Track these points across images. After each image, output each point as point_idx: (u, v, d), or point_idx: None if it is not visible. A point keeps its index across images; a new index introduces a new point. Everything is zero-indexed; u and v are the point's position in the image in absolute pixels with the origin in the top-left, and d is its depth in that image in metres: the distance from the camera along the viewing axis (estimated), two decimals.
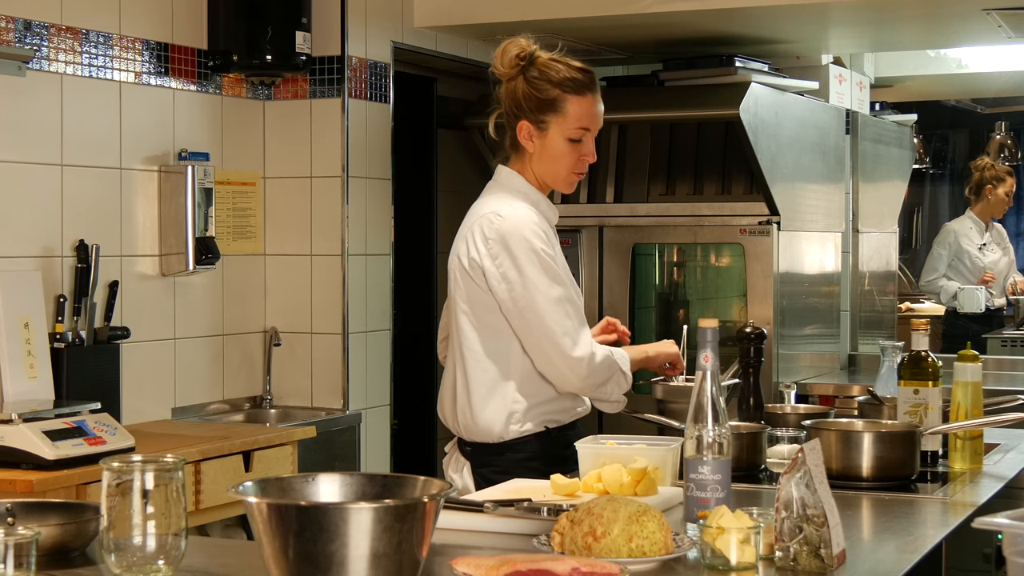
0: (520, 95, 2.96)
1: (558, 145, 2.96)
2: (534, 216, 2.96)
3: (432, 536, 1.75)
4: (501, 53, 2.98)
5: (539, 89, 2.94)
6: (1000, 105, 8.62)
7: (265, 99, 4.99)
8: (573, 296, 2.94)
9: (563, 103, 2.94)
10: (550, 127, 2.96)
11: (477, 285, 2.93)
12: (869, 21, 5.52)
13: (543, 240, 2.92)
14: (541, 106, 2.95)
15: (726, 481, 2.26)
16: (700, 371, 2.28)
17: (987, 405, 3.21)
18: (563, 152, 2.97)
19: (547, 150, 2.97)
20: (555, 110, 2.95)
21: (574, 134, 2.96)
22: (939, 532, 2.40)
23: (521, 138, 2.98)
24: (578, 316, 2.93)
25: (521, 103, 2.96)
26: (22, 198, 4.01)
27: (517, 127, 2.98)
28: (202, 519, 3.94)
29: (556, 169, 2.99)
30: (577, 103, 2.96)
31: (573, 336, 2.88)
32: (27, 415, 3.56)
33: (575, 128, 2.96)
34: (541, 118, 2.95)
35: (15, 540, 1.77)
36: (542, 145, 2.97)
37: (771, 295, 5.14)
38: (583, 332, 2.92)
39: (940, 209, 9.75)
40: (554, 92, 2.94)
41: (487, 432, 2.95)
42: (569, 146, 2.97)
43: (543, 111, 2.95)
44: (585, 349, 2.89)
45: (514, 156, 3.03)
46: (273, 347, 4.96)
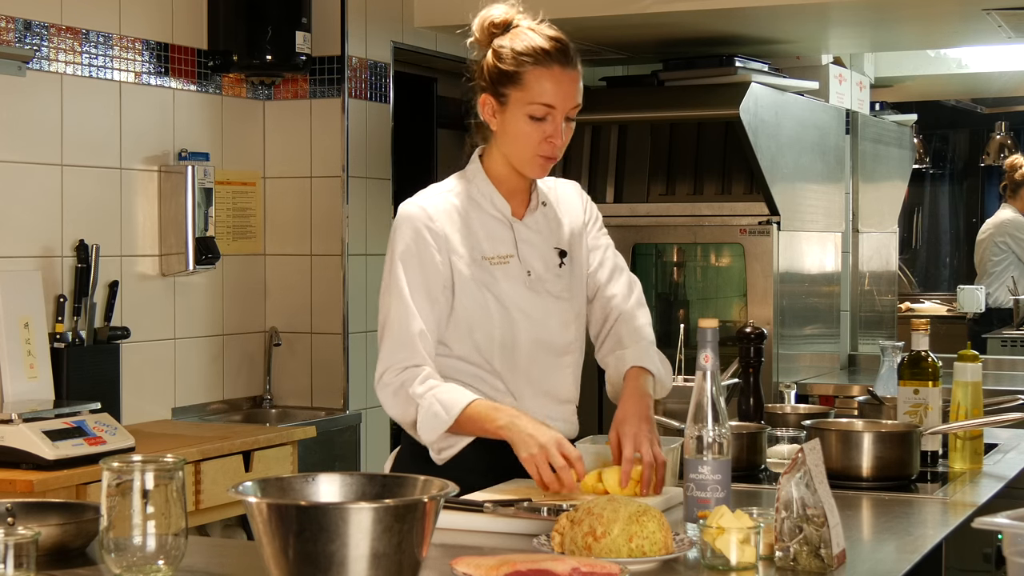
0: (485, 68, 2.69)
1: (518, 123, 2.64)
2: (419, 212, 2.66)
3: (432, 536, 1.75)
4: (479, 22, 2.73)
5: (501, 59, 2.65)
6: (1000, 105, 8.62)
7: (265, 99, 4.99)
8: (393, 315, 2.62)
9: (523, 75, 2.62)
10: (509, 101, 2.64)
11: None
12: (869, 21, 5.52)
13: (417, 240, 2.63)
14: (501, 78, 2.65)
15: (726, 481, 2.26)
16: (700, 371, 2.28)
17: (987, 405, 3.21)
18: (523, 132, 2.64)
19: (507, 128, 2.66)
20: (514, 82, 2.63)
21: (535, 111, 2.62)
22: (939, 532, 2.40)
23: (484, 114, 2.69)
24: (402, 338, 2.60)
25: (485, 76, 2.68)
26: (22, 198, 4.01)
27: (480, 101, 2.69)
28: (202, 519, 3.94)
29: (518, 150, 2.66)
30: (539, 76, 2.62)
31: (379, 366, 2.63)
32: (27, 415, 3.56)
33: (536, 104, 2.62)
34: (501, 91, 2.65)
35: (15, 540, 1.78)
36: (503, 122, 2.66)
37: (771, 295, 5.14)
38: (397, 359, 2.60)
39: (940, 209, 9.75)
40: (515, 63, 2.63)
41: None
42: (531, 124, 2.63)
43: (503, 83, 2.64)
44: (378, 385, 2.62)
45: (489, 138, 2.75)
46: (273, 347, 4.97)
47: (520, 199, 2.77)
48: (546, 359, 2.74)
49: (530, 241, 2.76)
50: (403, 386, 2.59)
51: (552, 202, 2.83)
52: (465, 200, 2.72)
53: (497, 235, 2.72)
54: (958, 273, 9.08)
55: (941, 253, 9.68)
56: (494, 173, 2.74)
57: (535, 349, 2.73)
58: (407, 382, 2.59)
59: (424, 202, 2.70)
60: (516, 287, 2.71)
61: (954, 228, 9.66)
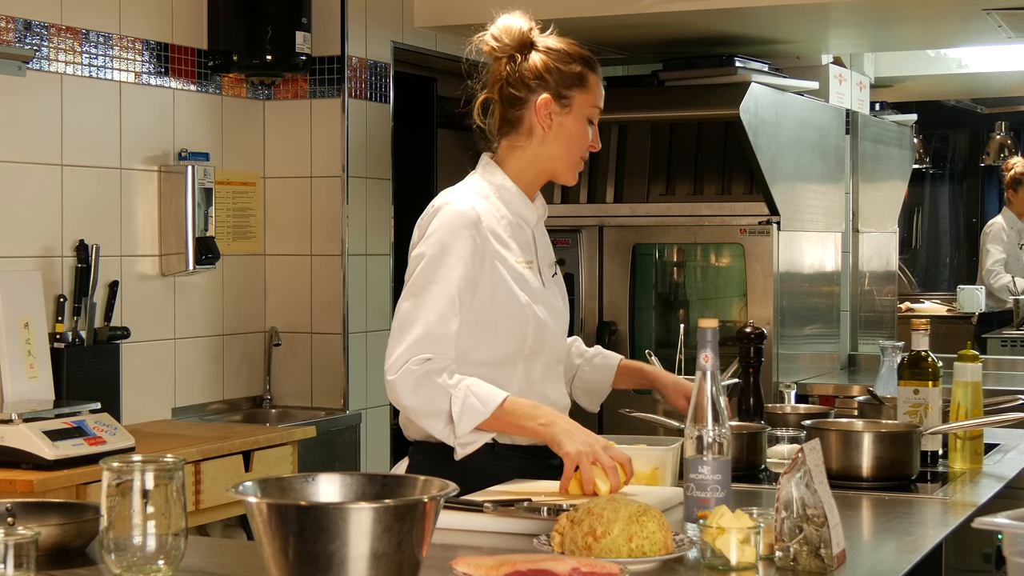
0: (540, 68, 2.68)
1: (579, 125, 2.71)
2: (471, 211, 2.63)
3: (432, 536, 1.75)
4: (505, 28, 2.72)
5: (562, 61, 2.69)
6: (1000, 105, 8.62)
7: (265, 99, 4.99)
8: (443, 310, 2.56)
9: (586, 78, 2.71)
10: (573, 103, 2.70)
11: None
12: (869, 21, 5.52)
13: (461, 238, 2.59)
14: (566, 80, 2.69)
15: (726, 481, 2.26)
16: (700, 371, 2.28)
17: (987, 405, 3.21)
18: (581, 133, 2.71)
19: (565, 129, 2.70)
20: (580, 85, 2.70)
21: (594, 113, 2.73)
22: (939, 532, 2.40)
23: (539, 116, 2.68)
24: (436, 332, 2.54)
25: (543, 76, 2.68)
26: (22, 198, 4.01)
27: (536, 103, 2.68)
28: (202, 519, 3.94)
29: (571, 152, 2.72)
30: (596, 79, 2.74)
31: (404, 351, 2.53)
32: (27, 415, 3.56)
33: (595, 107, 2.73)
34: (566, 93, 2.69)
35: (15, 540, 1.78)
36: (561, 124, 2.70)
37: (771, 295, 5.14)
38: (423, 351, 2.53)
39: (940, 209, 9.75)
40: (577, 66, 2.70)
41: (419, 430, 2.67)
42: (587, 127, 2.72)
43: (569, 85, 2.69)
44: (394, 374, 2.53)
45: (509, 141, 2.74)
46: (273, 347, 4.97)
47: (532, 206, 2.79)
48: (556, 366, 2.78)
49: (543, 247, 2.80)
50: (428, 375, 2.53)
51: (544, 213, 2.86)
52: (500, 204, 2.71)
53: (523, 240, 2.73)
54: (958, 273, 9.09)
55: (941, 253, 9.69)
56: (516, 179, 2.74)
57: (551, 354, 2.75)
58: (433, 372, 2.53)
59: (472, 202, 2.66)
60: (540, 292, 2.72)
61: (954, 228, 9.66)
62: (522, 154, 2.73)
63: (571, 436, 2.48)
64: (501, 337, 2.65)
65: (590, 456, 2.43)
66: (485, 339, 2.65)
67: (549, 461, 2.61)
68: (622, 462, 2.44)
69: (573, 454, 2.44)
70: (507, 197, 2.72)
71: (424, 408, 2.55)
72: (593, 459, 2.43)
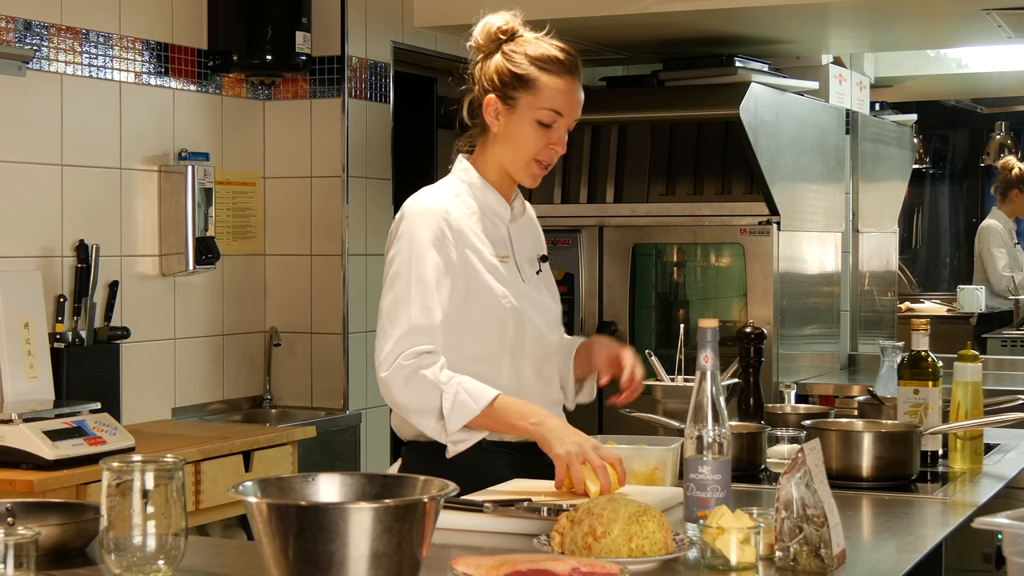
0: (493, 70, 2.70)
1: (524, 127, 2.67)
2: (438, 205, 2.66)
3: (432, 536, 1.75)
4: (483, 28, 2.73)
5: (514, 63, 2.68)
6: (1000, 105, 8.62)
7: (265, 99, 4.99)
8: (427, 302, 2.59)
9: (537, 80, 2.66)
10: (519, 104, 2.67)
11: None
12: (869, 21, 5.52)
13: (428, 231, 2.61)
14: (514, 81, 2.67)
15: (726, 481, 2.26)
16: (700, 371, 2.28)
17: (987, 405, 3.21)
18: (529, 136, 2.67)
19: (512, 131, 2.69)
20: (527, 86, 2.66)
21: (544, 116, 2.66)
22: (939, 532, 2.40)
23: (487, 115, 2.70)
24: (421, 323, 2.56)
25: (493, 78, 2.69)
26: (22, 198, 4.01)
27: (484, 102, 2.70)
28: (202, 519, 3.94)
29: (518, 154, 2.70)
30: (553, 83, 2.66)
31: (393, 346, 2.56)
32: (27, 415, 3.56)
33: (546, 109, 2.66)
34: (511, 94, 2.67)
35: (15, 540, 1.78)
36: (507, 125, 2.69)
37: (771, 295, 5.14)
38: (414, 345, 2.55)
39: (940, 209, 9.75)
40: (530, 68, 2.67)
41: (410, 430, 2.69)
42: (537, 129, 2.67)
43: (514, 87, 2.67)
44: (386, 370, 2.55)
45: (480, 141, 2.76)
46: (273, 347, 4.97)
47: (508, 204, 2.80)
48: (544, 359, 2.78)
49: (522, 244, 2.81)
50: (419, 371, 2.55)
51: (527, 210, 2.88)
52: (472, 200, 2.74)
53: (496, 236, 2.75)
54: (958, 273, 9.09)
55: (941, 253, 9.69)
56: (487, 177, 2.76)
57: (536, 348, 2.75)
58: (423, 367, 2.55)
59: (440, 198, 2.70)
60: (519, 286, 2.73)
61: (954, 228, 9.66)
62: (486, 154, 2.76)
63: (560, 437, 2.49)
64: (482, 331, 2.67)
65: (579, 456, 2.44)
66: (468, 334, 2.66)
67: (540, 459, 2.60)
68: (612, 462, 2.45)
69: (562, 455, 2.46)
70: (477, 194, 2.74)
71: (416, 404, 2.57)
72: (583, 459, 2.44)
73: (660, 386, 3.39)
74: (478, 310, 2.67)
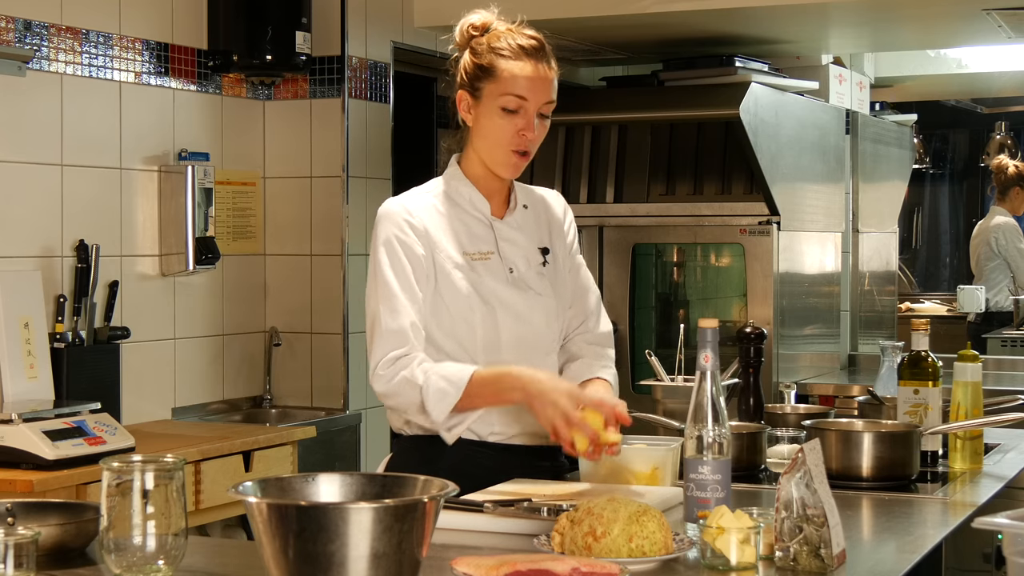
0: (461, 66, 2.73)
1: (491, 116, 2.68)
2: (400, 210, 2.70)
3: (432, 536, 1.75)
4: (459, 28, 2.76)
5: (478, 55, 2.70)
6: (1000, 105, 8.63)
7: (265, 99, 4.99)
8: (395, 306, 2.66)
9: (496, 68, 2.67)
10: (483, 94, 2.68)
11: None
12: (869, 21, 5.52)
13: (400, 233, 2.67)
14: (476, 72, 2.69)
15: (726, 481, 2.26)
16: (700, 371, 2.28)
17: (987, 405, 3.21)
18: (497, 125, 2.67)
19: (481, 122, 2.70)
20: (488, 75, 2.68)
21: (508, 102, 2.66)
22: (939, 532, 2.40)
23: (461, 110, 2.73)
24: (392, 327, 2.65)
25: (461, 74, 2.73)
26: (22, 198, 4.01)
27: (457, 98, 2.73)
28: (202, 519, 3.95)
29: (490, 145, 2.70)
30: (512, 67, 2.66)
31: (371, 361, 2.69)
32: (27, 415, 3.56)
33: (508, 95, 2.65)
34: (476, 85, 2.69)
35: (15, 540, 1.78)
36: (477, 117, 2.71)
37: (771, 295, 5.14)
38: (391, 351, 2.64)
39: (940, 209, 9.76)
40: (490, 57, 2.68)
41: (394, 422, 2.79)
42: (504, 118, 2.67)
43: (478, 77, 2.69)
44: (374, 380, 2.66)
45: (466, 141, 2.78)
46: (273, 347, 4.97)
47: (499, 199, 2.80)
48: (531, 357, 2.74)
49: (511, 239, 2.79)
50: (399, 373, 2.62)
51: (534, 204, 2.86)
52: (444, 199, 2.76)
53: (476, 232, 2.75)
54: (958, 273, 9.09)
55: (941, 253, 9.69)
56: (472, 174, 2.78)
57: (519, 346, 2.74)
58: (401, 369, 2.62)
59: (403, 200, 2.76)
60: (499, 283, 2.73)
61: (954, 228, 9.67)
62: (469, 151, 2.79)
63: (541, 403, 2.51)
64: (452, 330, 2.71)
65: (562, 418, 2.47)
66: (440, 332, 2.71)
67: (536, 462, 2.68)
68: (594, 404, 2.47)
69: (546, 425, 2.50)
70: (460, 190, 2.77)
71: (405, 405, 2.64)
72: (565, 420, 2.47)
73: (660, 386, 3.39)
74: (444, 310, 2.71)
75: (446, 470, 2.40)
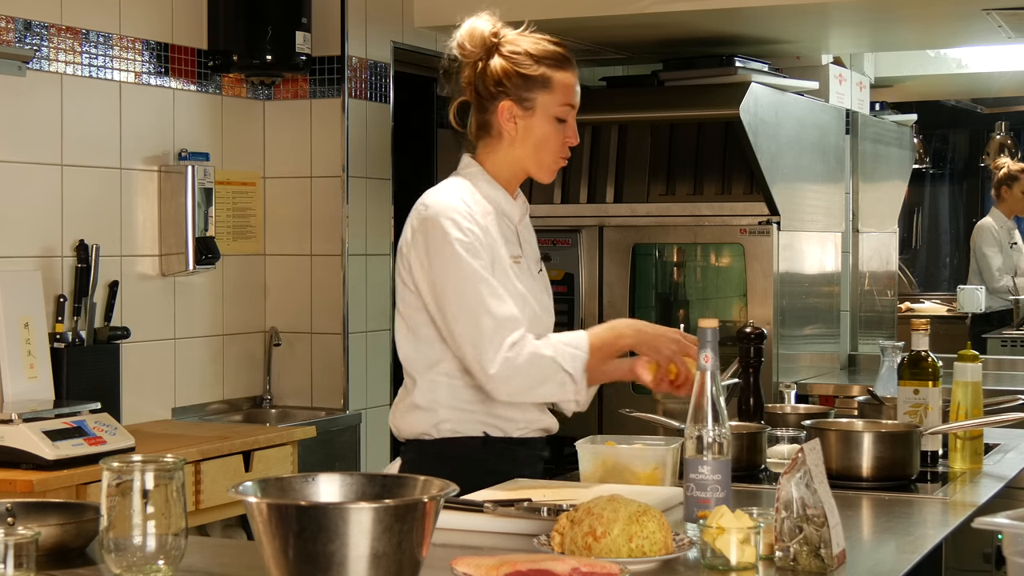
0: (499, 73, 2.71)
1: (545, 125, 2.71)
2: (462, 207, 2.67)
3: (432, 536, 1.75)
4: (469, 33, 2.74)
5: (522, 65, 2.70)
6: (1000, 105, 8.62)
7: (265, 99, 4.99)
8: (496, 292, 2.62)
9: (549, 79, 2.70)
10: (536, 105, 2.70)
11: (403, 280, 2.72)
12: (869, 21, 5.52)
13: (464, 233, 2.63)
14: (527, 83, 2.70)
15: (726, 481, 2.26)
16: (700, 371, 2.28)
17: (987, 405, 3.21)
18: (550, 133, 2.72)
19: (532, 132, 2.72)
20: (542, 86, 2.70)
21: (561, 112, 2.71)
22: (939, 532, 2.40)
23: (502, 120, 2.72)
24: (502, 315, 2.60)
25: (502, 82, 2.70)
26: (22, 198, 4.01)
27: (498, 109, 2.71)
28: (202, 519, 3.94)
29: (541, 154, 2.73)
30: (563, 77, 2.71)
31: (484, 350, 2.58)
32: (27, 415, 3.56)
33: (562, 105, 2.71)
34: (526, 96, 2.70)
35: (15, 540, 1.78)
36: (526, 127, 2.71)
37: (771, 295, 5.14)
38: (507, 337, 2.59)
39: (940, 209, 9.75)
40: (539, 68, 2.70)
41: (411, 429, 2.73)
42: (556, 126, 2.72)
43: (529, 88, 2.70)
44: (500, 359, 2.57)
45: (484, 144, 2.77)
46: (273, 347, 4.97)
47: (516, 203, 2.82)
48: None
49: (529, 241, 2.84)
50: (522, 353, 2.59)
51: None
52: (482, 200, 2.74)
53: (508, 236, 2.77)
54: (958, 273, 9.09)
55: (941, 253, 9.69)
56: (498, 178, 2.77)
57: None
58: (522, 349, 2.59)
59: (455, 198, 2.70)
60: (529, 282, 2.77)
61: (954, 228, 9.67)
62: (496, 156, 2.77)
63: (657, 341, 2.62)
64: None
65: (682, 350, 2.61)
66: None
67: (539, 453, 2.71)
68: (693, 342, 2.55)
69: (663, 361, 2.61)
70: (489, 195, 2.75)
71: (535, 380, 2.60)
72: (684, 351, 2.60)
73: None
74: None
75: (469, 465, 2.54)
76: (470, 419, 2.70)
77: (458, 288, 2.61)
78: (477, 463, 2.65)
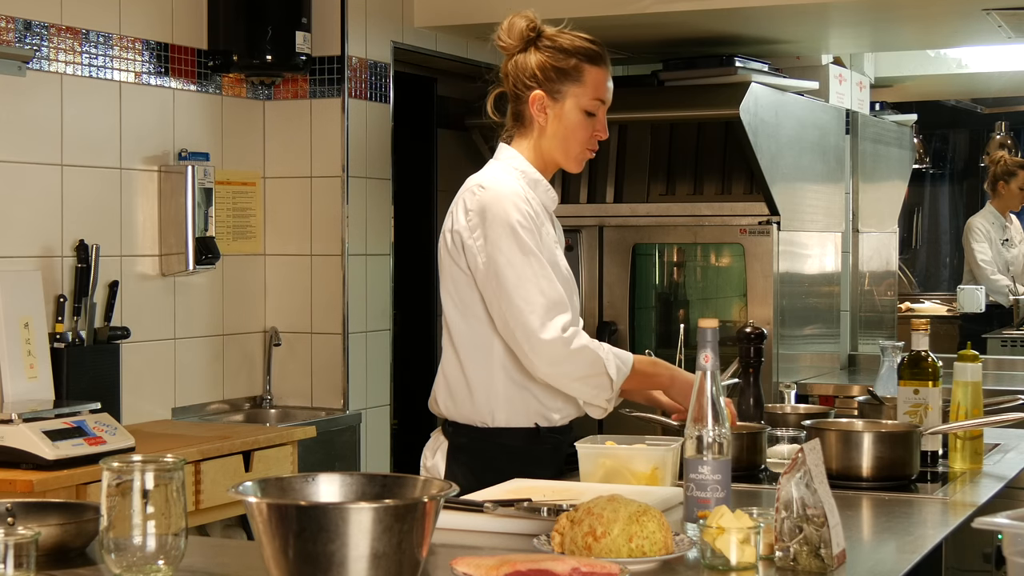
0: (534, 65, 2.83)
1: (573, 117, 2.84)
2: (519, 190, 2.81)
3: (432, 536, 1.75)
4: (508, 26, 2.86)
5: (555, 58, 2.83)
6: (1000, 105, 8.63)
7: (265, 99, 4.99)
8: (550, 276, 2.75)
9: (581, 72, 2.83)
10: (566, 97, 2.83)
11: (456, 264, 2.80)
12: (869, 21, 5.52)
13: (523, 215, 2.76)
14: (559, 75, 2.83)
15: (726, 481, 2.26)
16: (700, 371, 2.28)
17: (987, 405, 3.21)
18: (578, 124, 2.85)
19: (561, 122, 2.85)
20: (573, 79, 2.83)
21: (590, 106, 2.85)
22: (939, 532, 2.40)
23: (533, 110, 2.84)
24: (555, 297, 2.73)
25: (536, 73, 2.83)
26: (22, 198, 4.01)
27: (530, 98, 2.84)
28: (202, 519, 3.95)
29: (569, 144, 2.86)
30: (595, 73, 2.85)
31: (542, 316, 2.70)
32: (27, 415, 3.55)
33: (592, 99, 2.85)
34: (557, 88, 2.83)
35: (15, 540, 1.77)
36: (556, 117, 2.84)
37: (771, 295, 5.15)
38: (559, 315, 2.71)
39: (940, 209, 9.75)
40: (571, 61, 2.83)
41: (469, 417, 2.84)
42: (584, 119, 2.85)
43: (560, 80, 2.83)
44: (555, 332, 2.69)
45: (518, 134, 2.90)
46: (273, 347, 4.97)
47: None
48: None
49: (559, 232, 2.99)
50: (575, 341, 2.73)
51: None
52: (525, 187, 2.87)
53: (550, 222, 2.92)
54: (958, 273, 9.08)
55: (941, 253, 9.69)
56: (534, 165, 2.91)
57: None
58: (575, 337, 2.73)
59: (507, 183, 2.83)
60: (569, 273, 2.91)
61: (954, 228, 9.66)
62: (528, 145, 2.90)
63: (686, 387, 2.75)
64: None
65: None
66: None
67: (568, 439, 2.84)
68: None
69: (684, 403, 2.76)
70: (531, 181, 2.89)
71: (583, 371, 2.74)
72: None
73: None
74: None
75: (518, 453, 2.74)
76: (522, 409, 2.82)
77: (515, 264, 2.73)
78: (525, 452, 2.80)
